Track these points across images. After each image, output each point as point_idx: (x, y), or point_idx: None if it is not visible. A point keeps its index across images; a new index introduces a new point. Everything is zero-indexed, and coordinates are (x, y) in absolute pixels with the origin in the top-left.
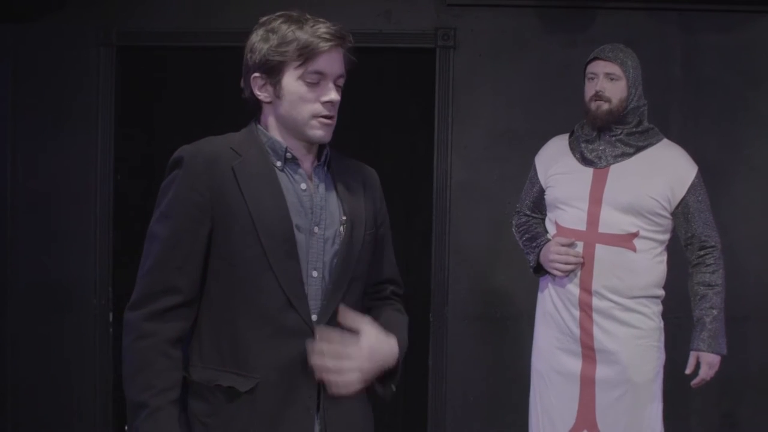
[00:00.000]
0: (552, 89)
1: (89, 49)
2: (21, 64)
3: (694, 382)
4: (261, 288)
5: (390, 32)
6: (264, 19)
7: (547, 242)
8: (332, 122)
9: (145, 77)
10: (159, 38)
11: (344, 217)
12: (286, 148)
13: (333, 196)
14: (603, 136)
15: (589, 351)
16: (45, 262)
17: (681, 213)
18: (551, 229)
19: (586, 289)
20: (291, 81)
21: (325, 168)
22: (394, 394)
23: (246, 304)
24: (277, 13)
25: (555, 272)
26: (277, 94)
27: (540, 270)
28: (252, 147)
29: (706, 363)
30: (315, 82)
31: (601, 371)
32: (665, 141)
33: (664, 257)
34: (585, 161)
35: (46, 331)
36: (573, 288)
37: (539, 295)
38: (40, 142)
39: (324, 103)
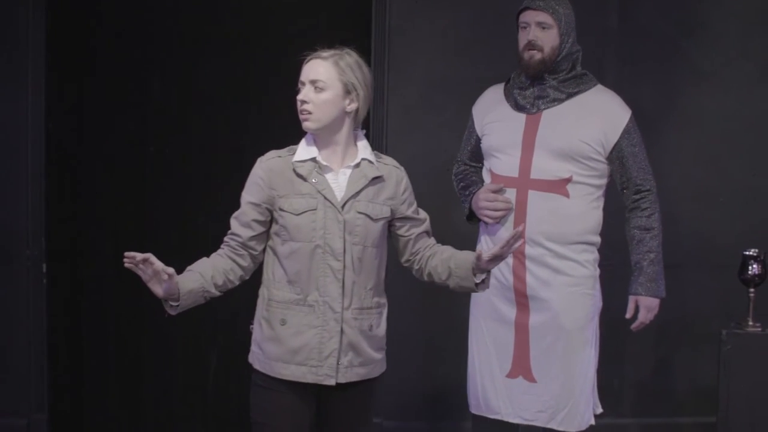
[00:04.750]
0: (489, 37)
1: None
2: None
3: (634, 326)
4: None
5: None
6: None
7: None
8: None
9: (78, 18)
10: None
11: None
12: None
13: None
14: (536, 83)
15: (522, 298)
16: None
17: (616, 157)
18: (487, 179)
19: None
20: None
21: None
22: None
23: None
24: None
25: (485, 219)
26: None
27: (473, 218)
28: None
29: (644, 307)
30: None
31: (534, 318)
32: (599, 86)
33: (600, 203)
34: (518, 107)
35: None
36: (506, 235)
37: (477, 245)
38: None
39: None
